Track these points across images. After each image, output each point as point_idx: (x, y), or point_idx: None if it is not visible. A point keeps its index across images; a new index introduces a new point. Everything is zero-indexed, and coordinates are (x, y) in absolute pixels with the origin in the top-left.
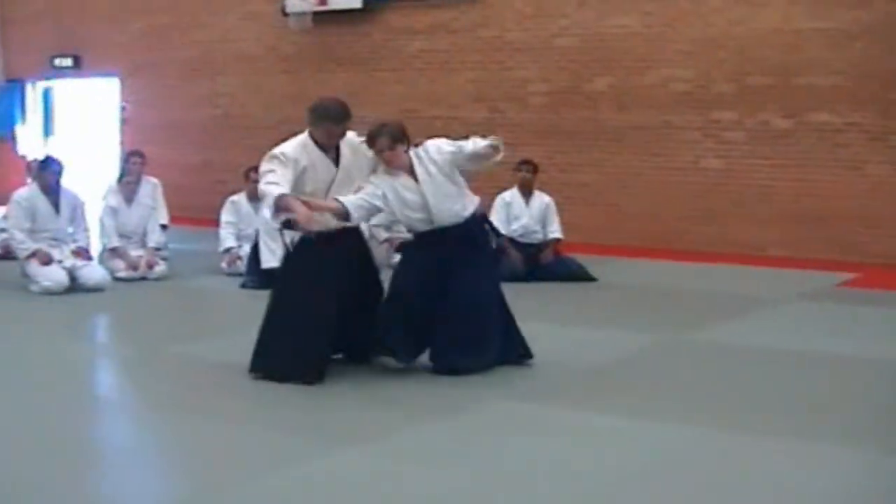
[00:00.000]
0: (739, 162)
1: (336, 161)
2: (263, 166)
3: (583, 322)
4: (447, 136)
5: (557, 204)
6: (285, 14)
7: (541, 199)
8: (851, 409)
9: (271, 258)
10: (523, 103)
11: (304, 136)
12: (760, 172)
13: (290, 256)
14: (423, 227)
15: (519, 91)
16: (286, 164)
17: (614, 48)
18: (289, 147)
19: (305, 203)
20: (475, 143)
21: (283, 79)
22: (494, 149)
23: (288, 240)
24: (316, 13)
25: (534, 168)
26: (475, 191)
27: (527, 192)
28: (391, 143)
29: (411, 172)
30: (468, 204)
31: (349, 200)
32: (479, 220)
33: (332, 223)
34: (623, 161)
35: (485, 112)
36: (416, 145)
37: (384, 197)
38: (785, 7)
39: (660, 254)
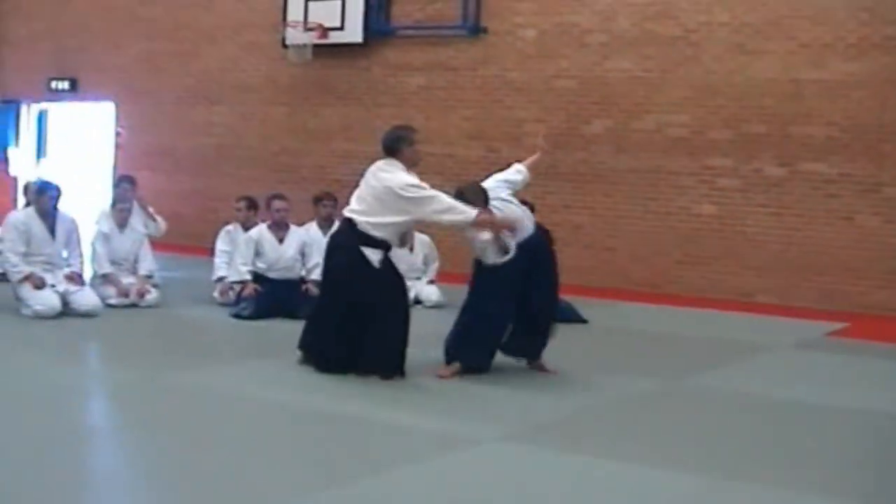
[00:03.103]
0: (732, 209)
1: None
2: (422, 193)
3: (573, 365)
4: (443, 174)
5: None
6: (285, 46)
7: None
8: (845, 460)
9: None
10: (519, 143)
11: (396, 162)
12: (753, 220)
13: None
14: None
15: (516, 131)
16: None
17: (613, 91)
18: (411, 174)
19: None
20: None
21: (280, 110)
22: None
23: (377, 258)
24: (316, 46)
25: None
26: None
27: None
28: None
29: None
30: None
31: None
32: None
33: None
34: (617, 204)
35: (481, 151)
36: None
37: None
38: (784, 57)
39: (651, 298)
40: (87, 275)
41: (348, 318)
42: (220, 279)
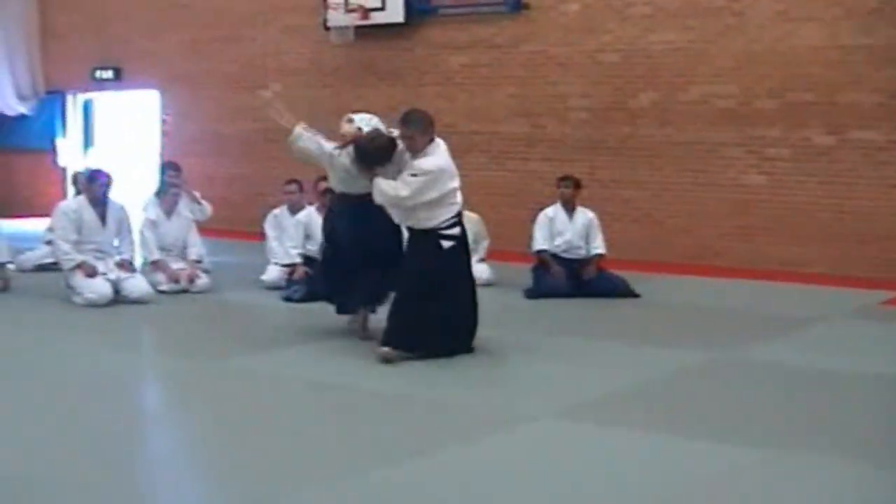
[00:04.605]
0: (781, 179)
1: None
2: None
3: (627, 339)
4: (489, 152)
5: (599, 220)
6: (327, 28)
7: (584, 214)
8: None
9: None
10: (565, 118)
11: None
12: (802, 189)
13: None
14: None
15: (560, 106)
16: None
17: (657, 64)
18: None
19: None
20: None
21: (324, 93)
22: None
23: None
24: (358, 27)
25: (575, 183)
26: (517, 204)
27: (569, 208)
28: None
29: None
30: None
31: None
32: None
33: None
34: (665, 177)
35: (526, 127)
36: None
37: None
38: (829, 24)
39: (702, 270)
40: (138, 262)
41: None
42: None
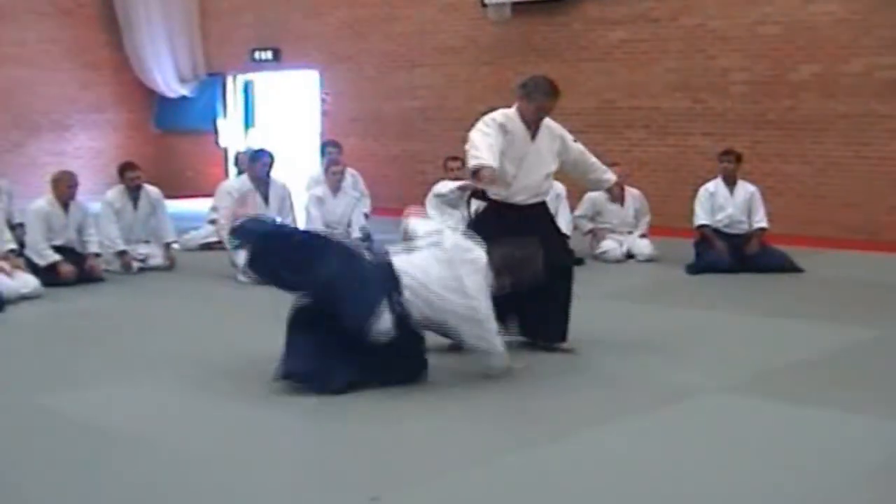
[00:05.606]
0: None
1: (533, 138)
2: (477, 126)
3: (791, 314)
4: (649, 127)
5: (761, 194)
6: (484, 5)
7: (745, 188)
8: None
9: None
10: (725, 92)
11: (510, 109)
12: None
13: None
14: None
15: (721, 80)
16: (495, 128)
17: (818, 35)
18: (497, 114)
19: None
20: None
21: (482, 70)
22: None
23: (473, 209)
24: (515, 4)
25: (736, 158)
26: (678, 180)
27: (730, 182)
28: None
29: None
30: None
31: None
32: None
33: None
34: (828, 151)
35: (687, 102)
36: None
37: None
38: None
39: (868, 245)
40: None
41: None
42: None
